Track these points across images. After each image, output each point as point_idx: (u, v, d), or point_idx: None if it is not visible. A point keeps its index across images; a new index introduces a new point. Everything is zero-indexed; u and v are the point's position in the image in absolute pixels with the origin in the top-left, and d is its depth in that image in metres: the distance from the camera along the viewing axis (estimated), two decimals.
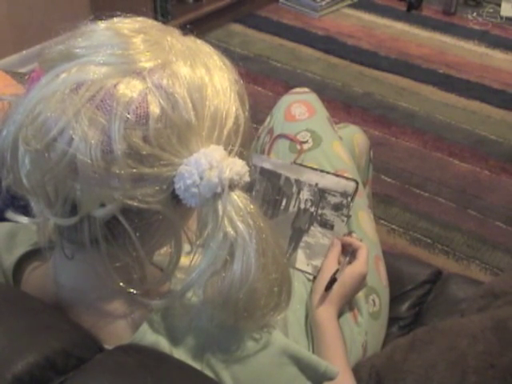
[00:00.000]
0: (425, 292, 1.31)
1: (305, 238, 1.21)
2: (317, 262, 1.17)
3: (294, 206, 1.23)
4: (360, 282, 1.11)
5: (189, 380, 0.67)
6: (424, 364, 0.92)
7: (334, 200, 1.21)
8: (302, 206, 1.23)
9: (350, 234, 1.22)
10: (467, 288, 1.26)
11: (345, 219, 1.23)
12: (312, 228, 1.22)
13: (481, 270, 1.91)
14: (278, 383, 0.73)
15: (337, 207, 1.25)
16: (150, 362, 0.66)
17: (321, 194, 1.21)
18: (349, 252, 1.14)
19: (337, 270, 1.09)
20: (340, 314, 1.10)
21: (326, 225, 1.22)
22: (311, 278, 1.17)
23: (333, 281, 1.07)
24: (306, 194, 1.24)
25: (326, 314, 1.05)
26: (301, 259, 1.19)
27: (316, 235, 1.21)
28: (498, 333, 0.88)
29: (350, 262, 1.11)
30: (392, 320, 1.24)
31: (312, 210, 1.23)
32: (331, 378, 0.78)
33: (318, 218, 1.23)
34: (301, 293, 1.12)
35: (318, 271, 1.15)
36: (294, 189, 1.25)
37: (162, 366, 0.66)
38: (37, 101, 0.60)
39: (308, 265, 1.18)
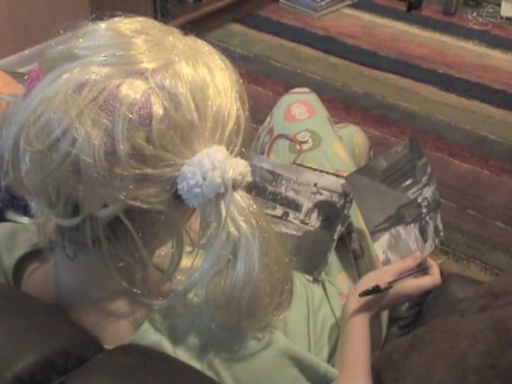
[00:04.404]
0: (425, 292, 1.31)
1: (399, 228, 1.18)
2: (392, 257, 1.15)
3: (414, 193, 1.20)
4: (412, 296, 1.09)
5: (189, 380, 0.67)
6: (424, 364, 0.92)
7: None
8: (419, 199, 1.20)
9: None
10: (467, 288, 1.25)
11: (435, 244, 1.23)
12: (412, 226, 1.19)
13: (481, 270, 1.91)
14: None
15: (437, 230, 1.24)
16: (150, 362, 0.66)
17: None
18: (421, 268, 1.10)
19: (389, 283, 1.02)
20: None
21: (424, 234, 1.20)
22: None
23: (374, 290, 0.99)
24: (428, 193, 1.22)
25: (360, 315, 0.99)
26: (382, 243, 1.15)
27: (410, 234, 1.19)
28: (498, 333, 0.88)
29: (416, 277, 1.07)
30: (392, 320, 1.24)
31: (424, 210, 1.21)
32: (331, 380, 0.78)
33: (423, 222, 1.21)
34: (301, 293, 1.12)
35: (386, 264, 1.13)
36: (424, 179, 1.22)
37: (162, 366, 0.66)
38: (39, 101, 0.60)
39: (384, 252, 1.15)
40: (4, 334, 0.66)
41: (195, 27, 0.76)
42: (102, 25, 0.66)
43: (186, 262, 0.68)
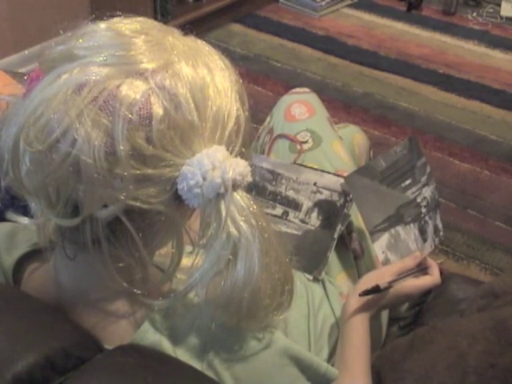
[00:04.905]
0: (424, 292, 1.31)
1: (399, 228, 1.18)
2: (392, 257, 1.15)
3: (414, 193, 1.20)
4: (412, 296, 1.09)
5: (189, 380, 0.67)
6: (424, 364, 0.92)
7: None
8: (419, 199, 1.21)
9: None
10: (467, 288, 1.25)
11: (434, 244, 1.23)
12: (411, 225, 1.19)
13: (481, 270, 1.91)
14: None
15: (436, 230, 1.24)
16: (150, 362, 0.66)
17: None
18: (421, 268, 1.10)
19: (389, 282, 1.02)
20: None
21: (423, 234, 1.20)
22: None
23: (374, 290, 0.99)
24: (427, 193, 1.22)
25: (360, 315, 0.99)
26: (382, 243, 1.15)
27: (410, 234, 1.19)
28: (498, 333, 0.88)
29: (415, 277, 1.08)
30: (392, 320, 1.24)
31: (423, 210, 1.21)
32: (331, 380, 0.78)
33: (422, 222, 1.21)
34: (301, 292, 1.12)
35: (385, 264, 1.13)
36: (423, 179, 1.23)
37: (162, 366, 0.66)
38: (39, 102, 0.60)
39: (383, 252, 1.15)
40: (4, 334, 0.66)
41: (195, 27, 0.76)
42: (102, 25, 0.66)
43: (186, 261, 0.68)
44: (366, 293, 0.99)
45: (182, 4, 2.98)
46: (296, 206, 1.20)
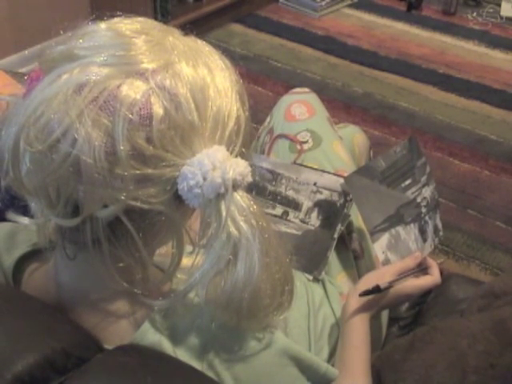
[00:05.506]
0: (425, 292, 1.31)
1: (399, 228, 1.18)
2: (392, 257, 1.15)
3: (413, 193, 1.21)
4: (412, 296, 1.09)
5: (189, 380, 0.67)
6: (424, 364, 0.92)
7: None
8: (419, 199, 1.21)
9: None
10: (467, 288, 1.25)
11: (434, 244, 1.23)
12: (411, 225, 1.20)
13: (481, 270, 1.91)
14: None
15: (436, 229, 1.24)
16: (150, 361, 0.66)
17: None
18: (421, 268, 1.10)
19: (389, 282, 1.02)
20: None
21: (423, 234, 1.21)
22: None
23: (375, 290, 0.99)
24: (427, 192, 1.22)
25: (360, 315, 0.99)
26: (382, 243, 1.15)
27: (410, 234, 1.19)
28: (498, 333, 0.88)
29: (416, 277, 1.08)
30: (392, 320, 1.24)
31: (423, 210, 1.22)
32: (331, 380, 0.78)
33: (422, 222, 1.21)
34: (301, 292, 1.12)
35: (385, 264, 1.13)
36: (423, 179, 1.23)
37: (162, 366, 0.66)
38: (39, 102, 0.60)
39: (383, 252, 1.15)
40: (4, 334, 0.66)
41: (195, 27, 0.76)
42: (102, 25, 0.66)
43: (186, 261, 0.68)
44: (366, 293, 0.99)
45: (182, 4, 2.98)
46: (296, 205, 1.20)
